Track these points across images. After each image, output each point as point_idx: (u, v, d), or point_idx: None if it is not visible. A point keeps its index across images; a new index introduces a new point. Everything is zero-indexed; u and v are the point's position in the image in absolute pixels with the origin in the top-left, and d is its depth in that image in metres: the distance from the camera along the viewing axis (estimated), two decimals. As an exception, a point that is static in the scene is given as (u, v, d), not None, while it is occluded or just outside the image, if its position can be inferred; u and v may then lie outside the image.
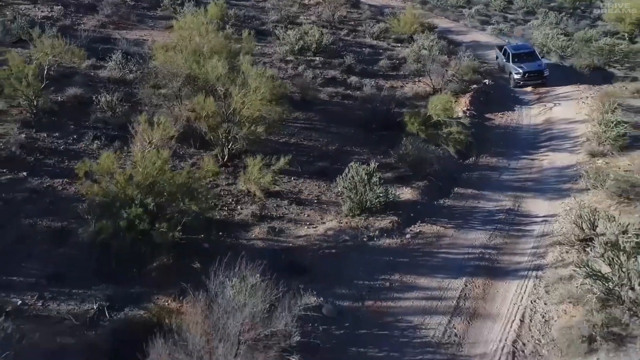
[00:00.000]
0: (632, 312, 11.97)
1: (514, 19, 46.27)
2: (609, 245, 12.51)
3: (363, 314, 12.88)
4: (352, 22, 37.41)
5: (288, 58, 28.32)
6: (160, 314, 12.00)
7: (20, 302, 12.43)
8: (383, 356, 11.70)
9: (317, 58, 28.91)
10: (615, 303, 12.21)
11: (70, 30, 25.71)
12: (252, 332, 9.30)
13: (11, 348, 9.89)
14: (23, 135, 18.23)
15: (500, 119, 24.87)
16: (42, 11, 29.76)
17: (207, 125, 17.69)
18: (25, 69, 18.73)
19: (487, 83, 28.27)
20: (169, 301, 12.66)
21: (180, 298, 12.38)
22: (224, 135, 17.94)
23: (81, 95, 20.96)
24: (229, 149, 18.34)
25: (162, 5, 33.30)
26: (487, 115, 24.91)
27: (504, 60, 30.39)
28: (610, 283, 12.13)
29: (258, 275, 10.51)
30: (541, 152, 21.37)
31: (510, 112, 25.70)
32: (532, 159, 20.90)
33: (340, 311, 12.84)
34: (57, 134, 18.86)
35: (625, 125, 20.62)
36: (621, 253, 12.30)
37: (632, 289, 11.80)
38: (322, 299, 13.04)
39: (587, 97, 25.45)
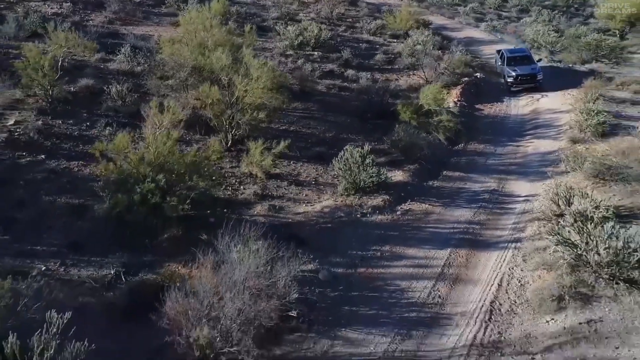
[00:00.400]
0: (597, 275, 13.26)
1: (508, 16, 47.56)
2: (579, 215, 13.78)
3: (355, 278, 14.17)
4: (350, 19, 38.71)
5: (288, 52, 29.60)
6: (171, 277, 13.26)
7: (44, 267, 13.66)
8: (373, 314, 12.99)
9: (316, 53, 30.19)
10: (583, 267, 13.51)
11: (79, 26, 26.98)
12: (255, 281, 10.56)
13: (42, 299, 11.13)
14: (40, 122, 19.49)
15: (490, 109, 26.16)
16: (51, 8, 31.05)
17: (212, 112, 18.96)
18: (41, 60, 20.00)
19: (478, 76, 29.56)
20: (179, 267, 13.92)
21: (190, 265, 13.62)
22: (227, 121, 19.22)
23: (92, 86, 22.23)
24: (232, 134, 19.62)
25: (166, 2, 34.59)
26: (477, 106, 26.20)
27: (499, 63, 30.74)
28: (578, 249, 13.41)
29: (260, 236, 11.77)
30: (526, 140, 22.65)
31: (499, 103, 27.00)
32: (518, 146, 22.18)
33: (335, 276, 14.12)
34: (71, 121, 20.14)
35: (605, 114, 21.87)
36: (589, 222, 13.59)
37: (598, 253, 13.07)
38: (318, 266, 14.32)
39: (573, 89, 26.67)
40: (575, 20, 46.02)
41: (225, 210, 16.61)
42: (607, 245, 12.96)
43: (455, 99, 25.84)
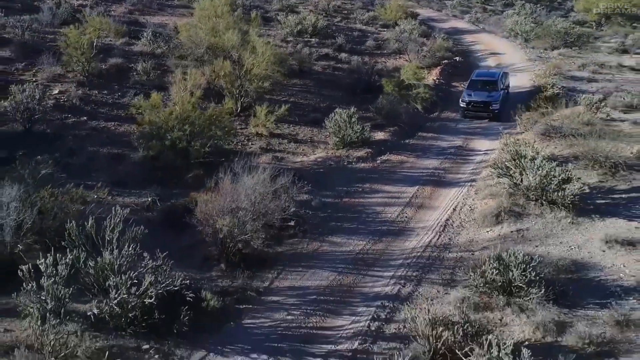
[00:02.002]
0: (527, 198, 17.06)
1: (493, 9, 51.31)
2: (516, 153, 17.56)
3: (340, 205, 17.96)
4: (346, 11, 42.53)
5: (288, 39, 33.37)
6: (195, 200, 17.01)
7: (96, 196, 17.42)
8: (353, 227, 16.78)
9: (313, 39, 33.96)
10: (517, 193, 17.30)
11: (104, 16, 30.77)
12: (263, 188, 14.34)
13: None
14: (80, 92, 23.35)
15: (465, 86, 29.87)
16: (77, 0, 34.95)
17: (225, 82, 22.75)
18: (81, 41, 23.84)
19: (457, 60, 33.28)
20: (201, 194, 17.68)
21: (211, 189, 17.35)
22: (237, 90, 22.99)
23: (120, 64, 26.07)
24: (241, 102, 23.39)
25: (178, -5, 38.41)
26: (453, 83, 29.97)
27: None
28: (514, 179, 17.21)
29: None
30: (492, 109, 26.39)
31: (473, 81, 30.69)
32: (483, 114, 25.95)
33: (324, 204, 17.91)
34: (105, 91, 24.00)
35: (559, 87, 25.60)
36: (523, 159, 17.38)
37: (528, 181, 16.85)
38: (312, 196, 18.08)
39: (539, 69, 30.40)
40: (556, 14, 49.66)
41: (236, 159, 20.29)
42: (535, 174, 16.75)
43: (435, 78, 29.59)
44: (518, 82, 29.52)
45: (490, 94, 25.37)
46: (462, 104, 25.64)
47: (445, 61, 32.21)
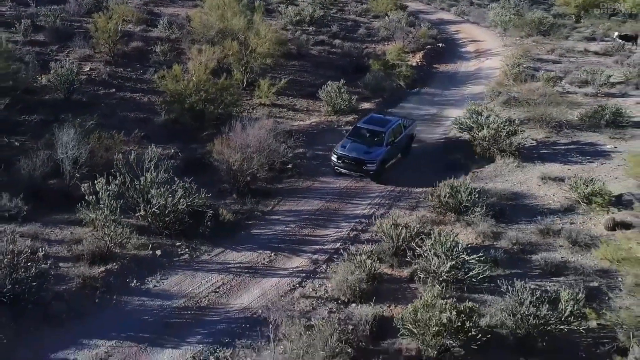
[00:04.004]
0: (482, 146, 20.78)
1: (479, 3, 54.87)
2: (472, 111, 21.31)
3: (329, 156, 21.70)
4: (341, 4, 46.23)
5: (288, 27, 37.08)
6: (210, 151, 20.76)
7: (128, 149, 21.18)
8: (340, 171, 20.54)
9: (310, 28, 37.68)
10: (475, 143, 21.03)
11: (126, 4, 34.47)
12: (267, 132, 18.12)
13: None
14: (108, 69, 27.10)
15: (444, 67, 33.68)
16: (99, -8, 38.59)
17: (233, 59, 26.49)
18: (108, 25, 27.60)
19: (440, 46, 37.04)
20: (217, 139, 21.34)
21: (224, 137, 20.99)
22: (243, 67, 26.74)
23: (141, 47, 29.81)
24: (247, 77, 27.13)
25: (188, -11, 42.07)
26: (434, 65, 33.72)
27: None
28: (472, 132, 20.95)
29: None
30: (465, 86, 30.14)
31: (452, 63, 34.49)
32: (458, 90, 29.65)
33: (317, 155, 21.68)
34: (129, 69, 27.74)
35: (524, 66, 29.36)
36: (479, 115, 21.14)
37: (483, 133, 20.58)
38: (306, 150, 21.83)
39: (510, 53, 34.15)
40: (539, 7, 53.26)
41: (244, 114, 24.14)
42: (488, 128, 20.51)
43: (418, 60, 33.33)
44: (492, 63, 33.27)
45: (369, 150, 20.20)
46: (333, 157, 20.33)
47: (429, 46, 35.93)
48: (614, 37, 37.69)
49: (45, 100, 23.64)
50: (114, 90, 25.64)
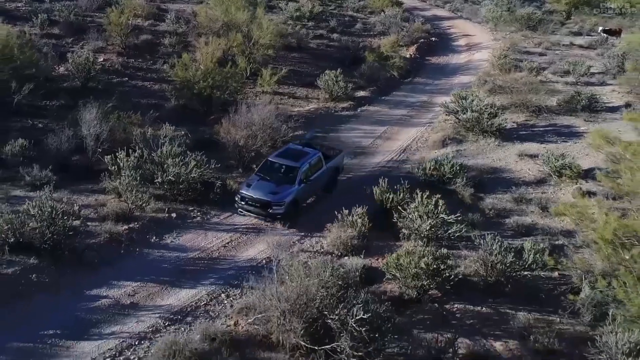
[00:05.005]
0: (466, 128, 22.76)
1: (473, 0, 56.72)
2: (458, 96, 23.26)
3: (327, 138, 23.59)
4: (339, 0, 48.12)
5: (288, 22, 38.99)
6: (217, 131, 22.68)
7: (142, 130, 23.10)
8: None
9: (310, 23, 39.60)
10: (460, 126, 23.00)
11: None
12: (269, 113, 20.06)
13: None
14: (120, 60, 29.07)
15: (437, 59, 35.62)
16: (108, -11, 40.50)
17: (237, 50, 28.43)
18: (120, 19, 29.55)
19: (432, 40, 38.99)
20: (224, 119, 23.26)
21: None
22: (247, 57, 28.67)
23: (150, 40, 31.75)
24: (250, 67, 29.06)
25: (193, -14, 43.99)
26: (427, 57, 35.68)
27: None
28: (457, 115, 22.90)
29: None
30: (455, 76, 32.07)
31: (444, 56, 36.45)
32: (448, 79, 31.58)
33: (315, 135, 23.58)
34: (140, 60, 29.68)
35: (510, 57, 31.30)
36: (464, 99, 23.08)
37: (467, 116, 22.52)
38: (305, 131, 23.78)
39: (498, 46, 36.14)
40: (530, 4, 55.12)
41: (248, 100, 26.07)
42: (472, 111, 22.45)
43: (412, 53, 35.28)
44: (481, 56, 35.23)
45: (277, 190, 17.52)
46: (237, 197, 17.68)
47: (422, 40, 37.87)
48: (599, 31, 39.61)
49: (63, 88, 25.57)
50: (126, 78, 27.61)
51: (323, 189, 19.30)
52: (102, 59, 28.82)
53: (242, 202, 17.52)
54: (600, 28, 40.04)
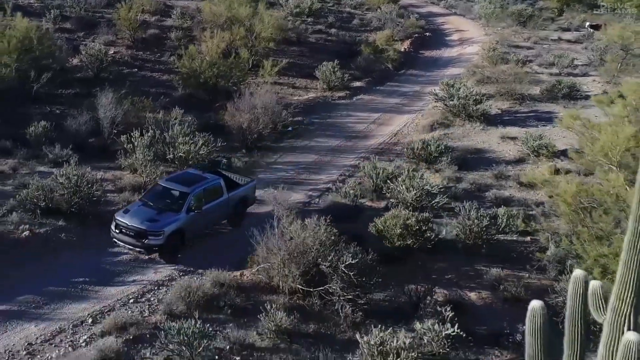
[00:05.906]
0: (453, 114, 24.50)
1: (468, -3, 58.48)
2: (448, 84, 24.99)
3: (324, 123, 25.39)
4: (337, -2, 49.92)
5: (288, 18, 40.72)
6: (223, 117, 24.42)
7: (154, 114, 24.82)
8: (332, 134, 24.22)
9: (309, 19, 41.34)
10: (447, 111, 24.73)
11: (141, -2, 38.13)
12: (270, 97, 21.80)
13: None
14: (129, 52, 30.84)
15: (430, 53, 37.40)
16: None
17: (240, 43, 30.19)
18: (129, 14, 31.31)
19: (426, 35, 40.73)
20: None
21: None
22: (249, 49, 30.42)
23: (157, 34, 33.51)
24: (252, 59, 30.81)
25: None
26: (421, 51, 37.45)
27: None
28: (445, 101, 24.63)
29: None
30: (447, 68, 33.84)
31: (437, 50, 38.22)
32: (440, 72, 33.32)
33: (313, 122, 25.36)
34: (148, 52, 31.45)
35: (499, 51, 33.03)
36: (452, 87, 24.81)
37: (454, 102, 24.26)
38: (303, 118, 25.53)
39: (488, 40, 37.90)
40: (523, 1, 56.82)
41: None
42: (458, 97, 24.18)
43: (406, 47, 37.04)
44: (472, 50, 36.99)
45: (157, 217, 15.24)
46: (112, 226, 15.27)
47: (416, 35, 39.64)
48: (586, 26, 41.35)
49: (77, 78, 27.36)
50: (136, 69, 29.36)
51: (229, 222, 17.07)
52: (112, 52, 30.55)
53: (117, 231, 14.96)
54: (587, 23, 41.79)
